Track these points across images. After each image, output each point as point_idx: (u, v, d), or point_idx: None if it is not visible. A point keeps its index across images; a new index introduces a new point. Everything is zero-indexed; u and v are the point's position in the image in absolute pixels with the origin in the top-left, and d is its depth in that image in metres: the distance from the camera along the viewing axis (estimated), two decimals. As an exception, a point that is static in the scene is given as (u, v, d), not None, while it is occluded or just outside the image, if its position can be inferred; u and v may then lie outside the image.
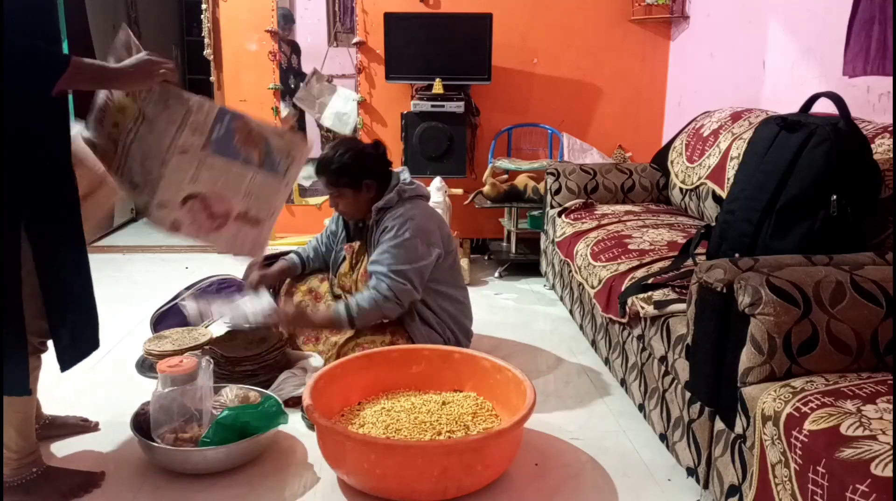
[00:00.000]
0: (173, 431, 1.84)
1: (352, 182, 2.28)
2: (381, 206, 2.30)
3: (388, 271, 2.21)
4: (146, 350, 2.47)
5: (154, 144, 1.63)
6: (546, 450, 1.98)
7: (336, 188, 2.30)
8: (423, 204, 2.38)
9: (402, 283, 2.21)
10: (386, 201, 2.29)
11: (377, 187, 2.32)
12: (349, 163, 2.26)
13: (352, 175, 2.27)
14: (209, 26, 3.82)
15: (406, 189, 2.33)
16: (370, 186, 2.30)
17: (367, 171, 2.29)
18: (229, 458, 1.81)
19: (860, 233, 1.73)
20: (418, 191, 2.37)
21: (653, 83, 4.05)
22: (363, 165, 2.29)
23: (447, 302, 2.39)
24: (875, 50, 2.11)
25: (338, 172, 2.27)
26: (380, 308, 2.21)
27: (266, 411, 1.88)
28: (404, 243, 2.23)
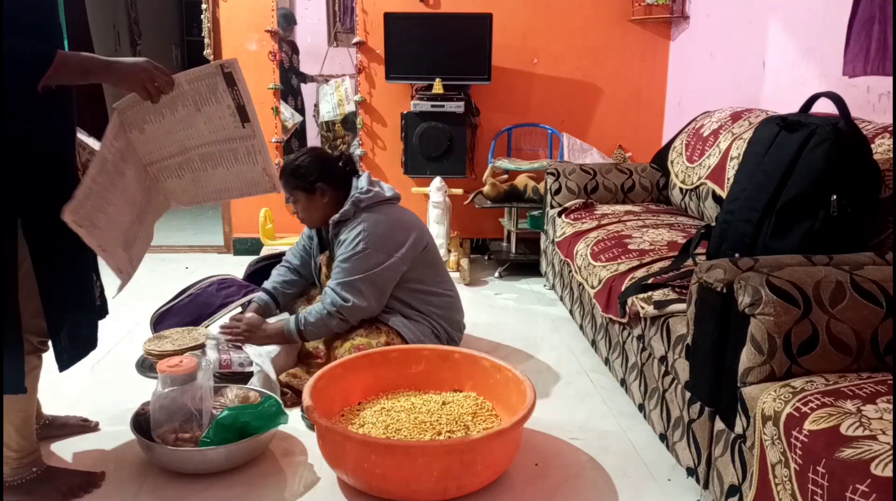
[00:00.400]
0: (173, 431, 1.84)
1: (304, 185, 2.27)
2: (336, 219, 2.28)
3: (335, 286, 2.21)
4: (146, 350, 2.47)
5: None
6: (546, 450, 1.98)
7: (290, 191, 2.31)
8: (383, 209, 2.31)
9: (345, 299, 2.19)
10: (341, 215, 2.27)
11: (333, 196, 2.30)
12: (304, 166, 2.28)
13: (305, 178, 2.27)
14: (209, 26, 3.82)
15: (362, 199, 2.27)
16: (324, 191, 2.28)
17: (321, 175, 2.28)
18: (229, 458, 1.81)
19: (860, 233, 1.73)
20: (375, 198, 2.30)
21: (653, 83, 4.05)
22: (319, 169, 2.28)
23: (432, 298, 2.38)
24: (875, 50, 2.11)
25: (292, 173, 2.28)
26: (325, 323, 2.22)
27: (266, 411, 1.88)
28: (355, 255, 2.21)
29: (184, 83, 1.60)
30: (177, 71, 1.65)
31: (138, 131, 1.64)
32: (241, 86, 1.62)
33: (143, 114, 1.62)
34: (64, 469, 1.78)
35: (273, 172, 1.77)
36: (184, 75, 1.60)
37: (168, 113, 1.63)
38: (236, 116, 1.65)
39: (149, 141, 1.66)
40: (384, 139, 3.98)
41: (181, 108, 1.63)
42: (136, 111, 1.62)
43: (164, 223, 5.28)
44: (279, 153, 3.99)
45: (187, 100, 1.62)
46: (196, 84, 1.61)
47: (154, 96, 1.56)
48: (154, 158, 1.70)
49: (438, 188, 3.52)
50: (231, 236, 4.13)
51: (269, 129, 3.97)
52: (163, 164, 1.71)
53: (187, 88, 1.61)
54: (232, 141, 1.69)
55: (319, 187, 2.28)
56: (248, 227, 4.05)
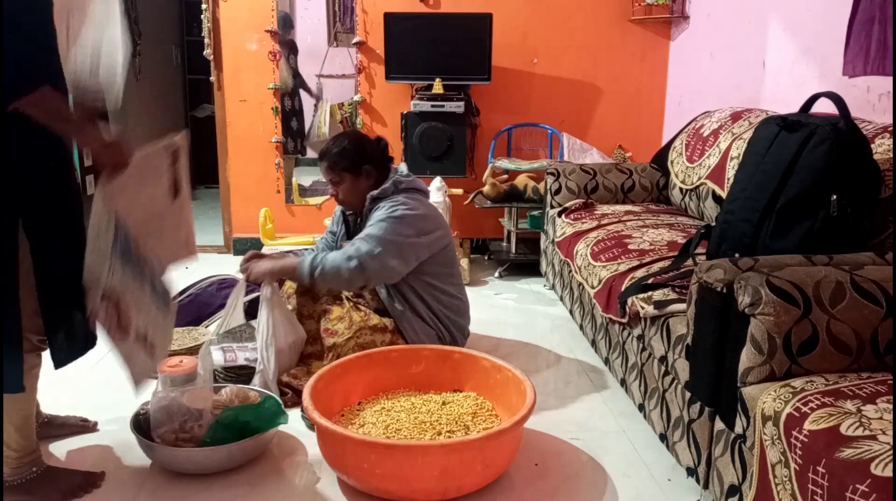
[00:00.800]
0: (173, 431, 1.84)
1: (351, 167, 2.29)
2: (375, 195, 2.30)
3: (362, 235, 2.20)
4: (146, 350, 2.47)
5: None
6: (546, 450, 1.98)
7: (335, 174, 2.31)
8: (419, 196, 2.36)
9: (371, 247, 2.13)
10: (381, 191, 2.30)
11: (375, 178, 2.33)
12: (349, 148, 2.30)
13: (351, 160, 2.29)
14: (209, 26, 3.82)
15: (402, 181, 2.33)
16: (369, 172, 2.31)
17: (366, 157, 2.31)
18: (229, 458, 1.81)
19: (860, 233, 1.73)
20: (414, 184, 2.37)
21: (653, 83, 4.05)
22: (363, 151, 2.31)
23: (443, 297, 2.38)
24: (875, 50, 2.11)
25: (337, 156, 2.30)
26: (340, 269, 2.12)
27: (266, 411, 1.88)
28: (389, 218, 2.21)
29: (138, 158, 1.58)
30: (177, 71, 1.65)
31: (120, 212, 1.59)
32: (181, 163, 1.61)
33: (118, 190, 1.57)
34: (64, 469, 1.78)
35: (193, 242, 1.77)
36: (139, 154, 1.58)
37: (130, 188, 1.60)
38: (170, 192, 1.65)
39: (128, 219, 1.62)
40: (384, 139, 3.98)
41: (130, 184, 1.60)
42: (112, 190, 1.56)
43: (164, 223, 5.24)
44: (279, 153, 4.00)
45: (135, 175, 1.59)
46: (148, 160, 1.60)
47: (111, 175, 1.55)
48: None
49: (438, 188, 3.52)
50: (231, 236, 4.13)
51: (269, 129, 3.97)
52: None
53: (141, 164, 1.59)
54: (162, 216, 1.68)
55: (366, 169, 2.31)
56: (248, 227, 4.05)
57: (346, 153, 2.29)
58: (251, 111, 3.95)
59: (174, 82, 6.27)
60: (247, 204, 4.04)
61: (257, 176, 4.03)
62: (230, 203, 4.08)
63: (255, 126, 3.97)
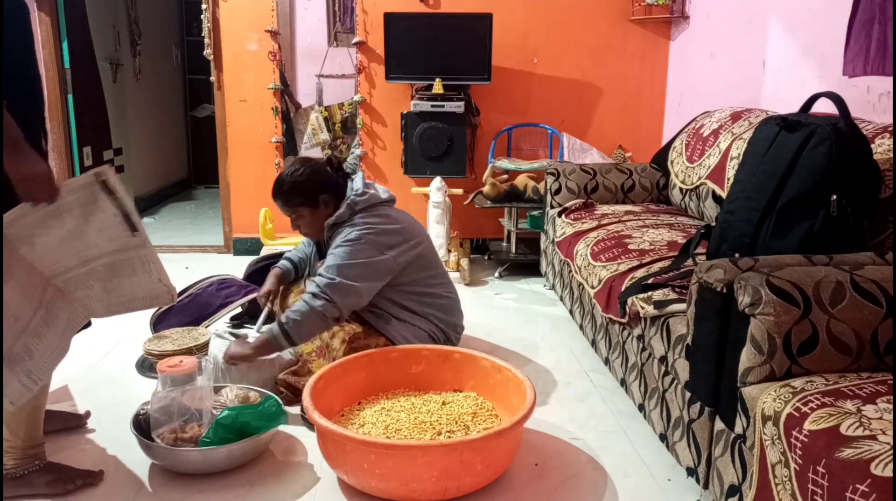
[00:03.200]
0: (173, 431, 1.84)
1: (308, 201, 2.23)
2: (332, 222, 2.24)
3: (321, 270, 2.14)
4: (146, 350, 2.47)
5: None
6: (546, 450, 1.98)
7: (293, 209, 2.25)
8: (379, 211, 2.27)
9: (330, 278, 2.09)
10: (337, 217, 2.22)
11: (334, 205, 2.25)
12: (303, 180, 2.22)
13: (306, 194, 2.22)
14: (209, 26, 3.82)
15: (357, 201, 2.23)
16: (328, 201, 2.24)
17: (322, 187, 2.23)
18: (229, 458, 1.81)
19: (860, 233, 1.73)
20: (371, 200, 2.26)
21: (653, 83, 4.05)
22: (318, 181, 2.23)
23: (428, 299, 2.34)
24: (875, 50, 2.11)
25: (292, 191, 2.22)
26: (311, 310, 2.05)
27: (266, 411, 1.88)
28: (346, 243, 2.15)
29: (65, 194, 1.52)
30: (177, 71, 1.65)
31: (28, 246, 1.54)
32: (119, 194, 1.55)
33: (29, 228, 1.52)
34: (65, 466, 1.79)
35: (168, 282, 1.68)
36: (64, 186, 1.53)
37: (55, 224, 1.54)
38: (125, 225, 1.58)
39: (43, 254, 1.56)
40: (384, 139, 3.98)
41: (68, 219, 1.54)
42: (22, 225, 1.51)
43: (165, 223, 5.31)
44: (279, 153, 4.00)
45: (73, 210, 1.54)
46: (77, 194, 1.53)
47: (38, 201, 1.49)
48: (56, 271, 1.59)
49: (438, 188, 3.52)
50: (231, 236, 4.13)
51: (269, 129, 3.97)
52: (66, 276, 1.60)
53: (69, 199, 1.53)
54: (126, 250, 1.61)
55: (323, 199, 2.24)
56: (248, 227, 4.05)
57: (301, 188, 2.21)
58: (251, 111, 3.95)
59: (174, 82, 6.28)
60: (247, 204, 4.04)
61: (257, 176, 4.03)
62: (230, 203, 4.08)
63: (255, 126, 3.97)
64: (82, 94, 4.19)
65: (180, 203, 5.83)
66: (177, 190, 6.19)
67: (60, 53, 3.95)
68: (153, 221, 5.03)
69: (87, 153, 4.26)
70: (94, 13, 4.39)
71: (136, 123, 5.25)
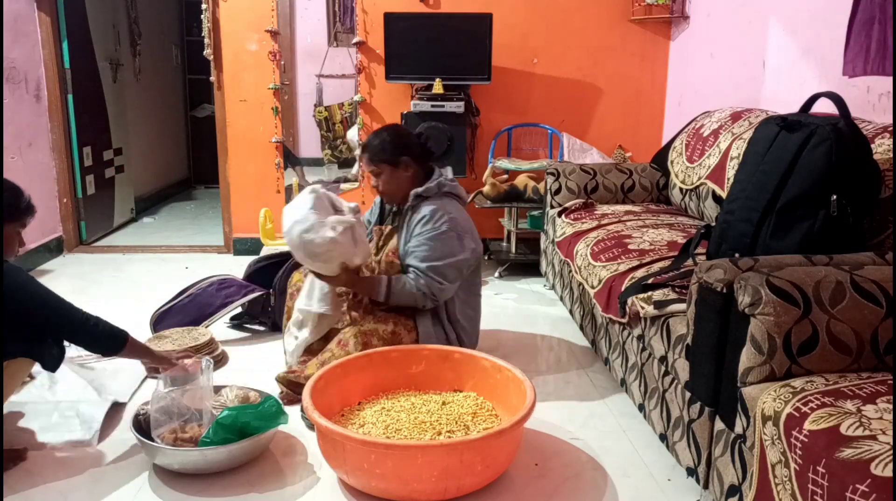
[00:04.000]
0: (173, 431, 1.84)
1: (390, 159, 2.32)
2: (419, 193, 2.32)
3: (426, 269, 2.23)
4: (146, 350, 2.47)
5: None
6: (546, 450, 1.98)
7: (375, 165, 2.34)
8: (458, 203, 2.40)
9: (438, 281, 2.23)
10: (425, 190, 2.32)
11: (416, 170, 2.36)
12: (388, 140, 2.34)
13: (390, 152, 2.32)
14: (209, 26, 3.82)
15: (446, 184, 2.36)
16: (408, 164, 2.33)
17: (405, 149, 2.34)
18: (229, 458, 1.81)
19: (860, 233, 1.73)
20: (457, 190, 2.40)
21: (653, 83, 4.05)
22: (402, 143, 2.34)
23: (466, 302, 2.39)
24: (875, 50, 2.11)
25: (377, 148, 2.33)
26: (416, 300, 2.24)
27: (266, 411, 1.88)
28: (439, 235, 2.25)
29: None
30: (177, 71, 1.66)
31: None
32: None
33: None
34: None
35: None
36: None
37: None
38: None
39: None
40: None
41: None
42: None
43: (165, 223, 5.31)
44: (279, 153, 4.00)
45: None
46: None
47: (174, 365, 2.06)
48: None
49: (438, 188, 3.52)
50: (231, 236, 4.13)
51: (269, 129, 3.97)
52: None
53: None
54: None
55: (404, 161, 2.33)
56: (248, 227, 4.05)
57: (385, 145, 2.33)
58: (251, 111, 3.95)
59: (174, 82, 6.27)
60: (247, 204, 4.04)
61: (257, 176, 4.03)
62: (230, 203, 4.08)
63: (255, 126, 3.97)
64: (82, 94, 4.19)
65: (180, 203, 5.82)
66: (177, 190, 6.19)
67: (60, 53, 3.95)
68: (153, 221, 5.03)
69: (87, 153, 4.26)
70: (94, 13, 4.39)
71: (136, 123, 5.24)
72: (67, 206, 4.07)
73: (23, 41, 3.69)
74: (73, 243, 4.14)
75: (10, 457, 1.87)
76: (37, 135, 3.83)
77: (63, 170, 4.01)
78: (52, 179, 3.99)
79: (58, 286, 1.91)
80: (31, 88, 3.76)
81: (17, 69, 3.63)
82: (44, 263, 3.82)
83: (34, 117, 3.81)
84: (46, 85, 3.90)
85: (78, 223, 4.19)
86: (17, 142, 3.61)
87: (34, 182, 3.77)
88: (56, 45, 3.90)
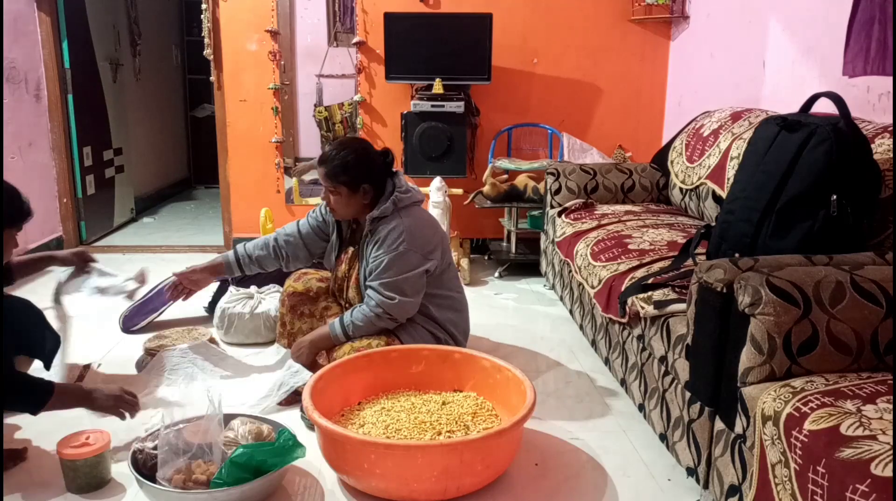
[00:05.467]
0: (179, 471, 1.66)
1: (350, 183, 2.23)
2: (375, 216, 2.25)
3: (379, 286, 2.19)
4: (146, 350, 2.47)
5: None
6: (546, 450, 1.98)
7: (333, 184, 2.25)
8: (418, 211, 2.32)
9: (390, 298, 2.18)
10: (381, 211, 2.24)
11: (372, 195, 2.28)
12: (352, 163, 2.23)
13: (352, 176, 2.23)
14: (209, 26, 3.82)
15: (401, 198, 2.26)
16: (367, 191, 2.26)
17: (368, 176, 2.25)
18: (242, 499, 1.66)
19: (860, 233, 1.73)
20: (413, 198, 2.31)
21: (653, 83, 4.05)
22: (367, 169, 2.25)
23: (442, 300, 2.36)
24: (875, 50, 2.11)
25: (339, 168, 2.22)
26: (373, 324, 2.20)
27: (282, 446, 1.73)
28: (399, 256, 2.19)
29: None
30: (177, 71, 1.66)
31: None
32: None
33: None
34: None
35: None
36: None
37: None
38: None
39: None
40: (384, 139, 3.98)
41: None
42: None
43: (165, 223, 5.29)
44: (279, 153, 4.00)
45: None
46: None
47: (122, 416, 1.91)
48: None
49: (438, 188, 3.52)
50: (231, 235, 4.13)
51: (269, 129, 3.97)
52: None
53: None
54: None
55: (364, 188, 2.25)
56: (248, 227, 4.05)
57: (348, 168, 2.22)
58: (251, 111, 3.95)
59: (174, 82, 6.27)
60: (247, 204, 4.04)
61: (257, 176, 4.03)
62: (230, 203, 4.08)
63: (255, 126, 3.97)
64: (82, 94, 4.18)
65: (180, 203, 5.82)
66: (177, 190, 6.19)
67: (60, 53, 3.95)
68: (153, 221, 5.03)
69: (87, 153, 4.26)
70: (94, 13, 4.39)
71: (136, 123, 5.25)
72: (67, 206, 4.07)
73: (23, 41, 3.69)
74: (73, 243, 4.14)
75: (10, 457, 1.87)
76: (37, 135, 3.83)
77: (63, 170, 4.02)
78: (52, 179, 3.99)
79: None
80: (31, 87, 3.76)
81: (17, 69, 3.63)
82: (44, 263, 3.82)
83: (34, 117, 3.81)
84: (46, 85, 3.90)
85: (78, 223, 4.19)
86: (17, 142, 3.61)
87: (34, 182, 3.77)
88: (56, 45, 3.90)
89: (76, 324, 2.31)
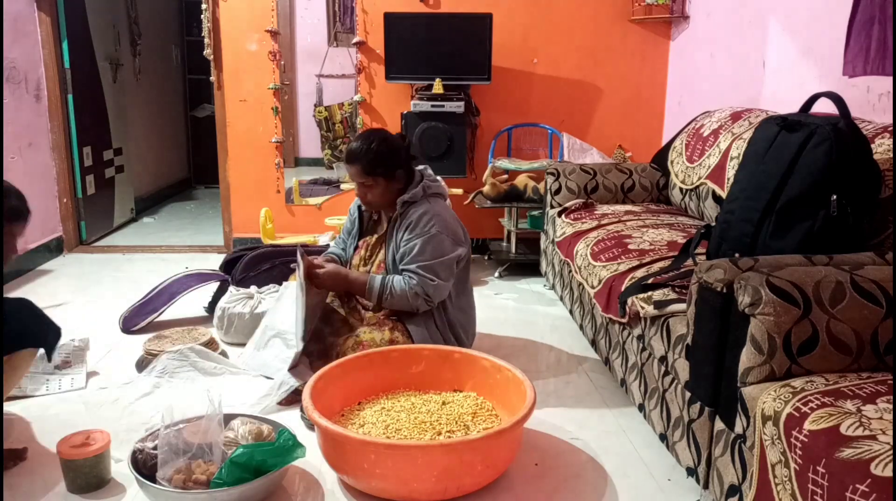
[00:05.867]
0: (179, 471, 1.66)
1: (386, 172, 2.28)
2: (406, 199, 2.30)
3: (418, 268, 2.24)
4: (146, 350, 2.47)
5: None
6: (546, 450, 1.98)
7: (371, 177, 2.28)
8: (444, 203, 2.40)
9: (430, 279, 2.23)
10: (412, 195, 2.30)
11: (405, 180, 2.34)
12: (384, 152, 2.28)
13: (386, 165, 2.28)
14: (209, 26, 3.82)
15: (430, 186, 2.36)
16: (401, 176, 2.32)
17: (399, 160, 2.31)
18: (242, 499, 1.66)
19: (860, 233, 1.73)
20: (441, 189, 2.40)
21: (653, 83, 4.05)
22: (396, 154, 2.31)
23: (457, 300, 2.39)
24: (875, 50, 2.11)
25: (374, 161, 2.27)
26: (409, 301, 2.24)
27: (282, 446, 1.73)
28: (431, 238, 2.25)
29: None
30: (177, 71, 1.67)
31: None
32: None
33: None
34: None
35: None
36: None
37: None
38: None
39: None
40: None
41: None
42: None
43: (165, 223, 5.29)
44: (279, 153, 4.00)
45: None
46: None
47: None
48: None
49: (438, 188, 3.52)
50: (231, 235, 4.13)
51: (269, 129, 3.97)
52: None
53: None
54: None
55: (398, 173, 2.31)
56: (248, 227, 4.05)
57: (383, 158, 2.27)
58: (251, 111, 3.95)
59: (174, 82, 6.27)
60: (247, 204, 4.04)
61: (257, 176, 4.03)
62: (230, 203, 4.08)
63: (255, 126, 3.97)
64: (82, 94, 4.18)
65: (180, 203, 5.82)
66: (177, 190, 6.19)
67: (60, 53, 3.95)
68: (153, 221, 5.03)
69: (87, 153, 4.26)
70: (94, 13, 4.39)
71: (136, 123, 5.25)
72: (67, 206, 4.07)
73: (23, 41, 3.69)
74: (73, 243, 4.14)
75: (10, 457, 1.87)
76: (37, 135, 3.83)
77: (63, 170, 4.01)
78: (52, 179, 3.99)
79: (58, 286, 1.91)
80: (31, 87, 3.76)
81: (17, 69, 3.63)
82: (44, 263, 3.82)
83: (34, 117, 3.81)
84: (46, 85, 3.90)
85: (78, 223, 4.19)
86: (17, 142, 3.61)
87: (34, 182, 3.77)
88: (56, 44, 3.90)
89: (76, 324, 2.31)
